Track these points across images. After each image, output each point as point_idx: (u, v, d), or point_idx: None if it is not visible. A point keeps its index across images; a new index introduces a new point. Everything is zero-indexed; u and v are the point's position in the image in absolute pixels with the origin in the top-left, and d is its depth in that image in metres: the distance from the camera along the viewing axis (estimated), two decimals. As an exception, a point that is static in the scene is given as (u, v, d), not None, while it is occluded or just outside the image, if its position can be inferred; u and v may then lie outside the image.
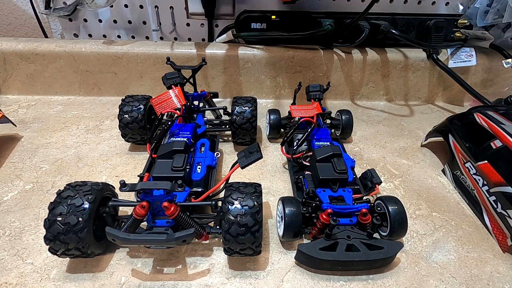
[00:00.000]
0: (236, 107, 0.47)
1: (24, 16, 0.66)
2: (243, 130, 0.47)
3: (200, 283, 0.31)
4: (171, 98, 0.44)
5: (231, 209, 0.29)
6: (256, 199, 0.30)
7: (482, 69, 0.65)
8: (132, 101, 0.46)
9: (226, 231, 0.29)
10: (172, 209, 0.29)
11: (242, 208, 0.29)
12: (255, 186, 0.32)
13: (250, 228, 0.29)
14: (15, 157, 0.46)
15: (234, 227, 0.29)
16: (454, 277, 0.33)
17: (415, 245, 0.36)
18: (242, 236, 0.29)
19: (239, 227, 0.29)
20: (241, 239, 0.29)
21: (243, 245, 0.29)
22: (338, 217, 0.32)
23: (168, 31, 0.65)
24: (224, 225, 0.29)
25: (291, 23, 0.61)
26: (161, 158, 0.37)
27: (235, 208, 0.29)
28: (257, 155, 0.32)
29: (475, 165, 0.40)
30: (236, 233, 0.29)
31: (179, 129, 0.43)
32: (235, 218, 0.29)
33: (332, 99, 0.67)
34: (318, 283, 0.32)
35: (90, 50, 0.59)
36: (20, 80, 0.61)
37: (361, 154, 0.51)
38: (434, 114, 0.65)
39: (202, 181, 0.38)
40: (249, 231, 0.29)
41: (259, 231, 0.29)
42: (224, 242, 0.30)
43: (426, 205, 0.42)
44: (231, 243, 0.29)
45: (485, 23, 0.59)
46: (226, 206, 0.30)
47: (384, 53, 0.63)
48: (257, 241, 0.30)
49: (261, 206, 0.30)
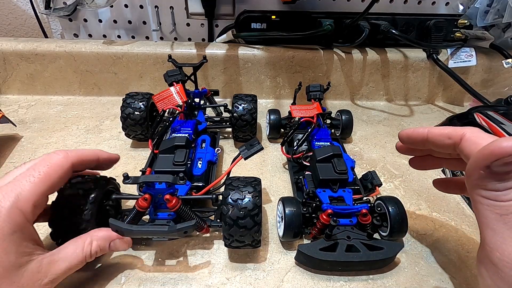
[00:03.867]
0: (237, 102, 0.48)
1: (24, 16, 0.66)
2: (243, 121, 0.47)
3: (200, 283, 0.31)
4: (173, 95, 0.44)
5: (231, 194, 0.30)
6: (256, 186, 0.31)
7: (482, 69, 0.65)
8: (136, 95, 0.47)
9: (226, 214, 0.29)
10: (173, 202, 0.30)
11: (242, 193, 0.30)
12: (255, 177, 0.33)
13: (250, 211, 0.29)
14: (15, 157, 0.46)
15: (234, 211, 0.29)
16: (454, 277, 0.33)
17: (415, 245, 0.36)
18: (242, 220, 0.29)
19: (239, 210, 0.29)
20: (241, 223, 0.29)
21: (243, 230, 0.30)
22: (338, 217, 0.32)
23: (168, 31, 0.65)
24: (224, 209, 0.30)
25: (291, 23, 0.61)
26: (163, 153, 0.38)
27: (235, 193, 0.30)
28: (258, 146, 0.33)
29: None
30: (236, 217, 0.29)
31: (181, 125, 0.43)
32: (235, 202, 0.30)
33: (332, 99, 0.67)
34: (318, 283, 0.32)
35: (90, 50, 0.59)
36: (20, 80, 0.61)
37: (361, 154, 0.51)
38: (434, 114, 0.65)
39: (203, 176, 0.38)
40: (249, 215, 0.29)
41: (258, 215, 0.30)
42: (224, 228, 0.30)
43: (426, 205, 0.42)
44: (230, 228, 0.30)
45: (485, 23, 0.59)
46: (226, 192, 0.30)
47: (384, 53, 0.63)
48: (257, 227, 0.30)
49: (260, 193, 0.31)
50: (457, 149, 0.25)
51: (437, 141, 0.27)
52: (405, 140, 0.30)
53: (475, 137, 0.24)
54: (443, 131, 0.26)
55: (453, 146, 0.25)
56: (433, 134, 0.27)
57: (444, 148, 0.26)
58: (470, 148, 0.24)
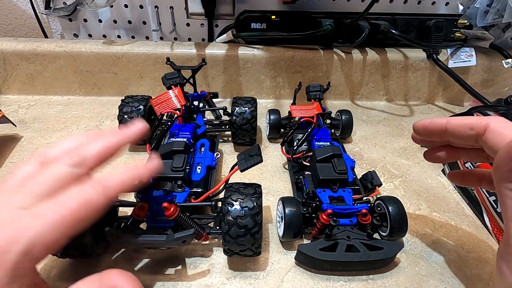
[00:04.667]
0: (236, 109, 0.47)
1: (24, 16, 0.66)
2: (243, 131, 0.47)
3: (200, 283, 0.31)
4: (171, 99, 0.44)
5: (231, 210, 0.29)
6: (256, 200, 0.30)
7: (482, 69, 0.65)
8: (132, 102, 0.47)
9: (226, 232, 0.29)
10: (172, 210, 0.29)
11: (242, 209, 0.29)
12: (255, 187, 0.32)
13: (250, 229, 0.29)
14: (15, 157, 0.46)
15: (233, 229, 0.29)
16: (454, 277, 0.33)
17: (415, 245, 0.36)
18: (241, 238, 0.29)
19: (238, 228, 0.29)
20: (240, 241, 0.29)
21: (243, 246, 0.29)
22: (338, 217, 0.32)
23: (168, 31, 0.65)
24: (224, 227, 0.29)
25: (291, 23, 0.61)
26: (161, 159, 0.37)
27: (234, 210, 0.29)
28: (257, 158, 0.32)
29: (475, 165, 0.40)
30: (235, 235, 0.29)
31: (179, 130, 0.43)
32: (234, 219, 0.29)
33: (332, 99, 0.67)
34: (318, 283, 0.32)
35: (90, 50, 0.59)
36: (20, 80, 0.61)
37: (361, 154, 0.51)
38: (434, 114, 0.65)
39: (202, 181, 0.38)
40: (249, 233, 0.29)
41: (258, 233, 0.29)
42: (223, 243, 0.30)
43: (426, 205, 0.42)
44: (230, 244, 0.29)
45: (485, 23, 0.59)
46: (225, 208, 0.30)
47: (384, 53, 0.63)
48: (257, 243, 0.30)
49: (261, 208, 0.30)
50: (479, 140, 0.23)
51: (458, 132, 0.25)
52: (420, 132, 0.29)
53: (501, 127, 0.22)
54: (464, 121, 0.25)
55: (475, 137, 0.24)
56: (453, 125, 0.25)
57: (465, 139, 0.25)
58: (495, 140, 0.22)
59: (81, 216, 0.20)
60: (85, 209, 0.20)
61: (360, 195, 0.38)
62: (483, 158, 0.23)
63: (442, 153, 0.29)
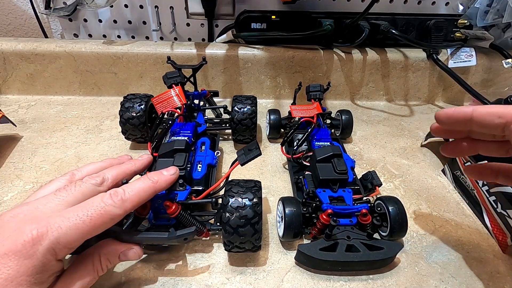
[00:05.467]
0: (236, 106, 0.47)
1: (24, 16, 0.66)
2: (243, 126, 0.47)
3: (200, 283, 0.31)
4: (172, 97, 0.44)
5: (231, 201, 0.30)
6: (256, 192, 0.31)
7: (482, 69, 0.65)
8: (134, 98, 0.47)
9: (226, 223, 0.29)
10: (173, 208, 0.30)
11: (242, 200, 0.30)
12: (255, 182, 0.33)
13: (250, 219, 0.29)
14: (15, 157, 0.46)
15: (234, 219, 0.29)
16: (454, 277, 0.33)
17: (415, 245, 0.36)
18: (242, 228, 0.29)
19: (239, 218, 0.29)
20: (241, 231, 0.29)
21: (243, 238, 0.30)
22: (338, 217, 0.32)
23: (168, 31, 0.65)
24: (224, 217, 0.29)
25: (291, 23, 0.61)
26: (162, 157, 0.37)
27: (235, 201, 0.30)
28: (256, 151, 0.33)
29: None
30: (236, 225, 0.29)
31: (180, 128, 0.43)
32: (235, 209, 0.29)
33: (332, 99, 0.67)
34: (318, 283, 0.32)
35: (90, 50, 0.59)
36: (20, 80, 0.61)
37: (361, 154, 0.51)
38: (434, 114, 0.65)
39: (203, 179, 0.38)
40: (249, 223, 0.29)
41: (258, 223, 0.30)
42: (224, 235, 0.30)
43: (426, 205, 0.42)
44: (231, 235, 0.29)
45: (485, 23, 0.59)
46: (226, 199, 0.30)
47: (384, 53, 0.63)
48: (257, 234, 0.30)
49: (260, 199, 0.30)
50: (506, 129, 0.23)
51: (485, 121, 0.24)
52: (444, 121, 0.28)
53: None
54: (492, 109, 0.24)
55: (503, 126, 0.23)
56: (480, 113, 0.24)
57: (491, 128, 0.24)
58: None
59: (98, 223, 0.24)
60: (102, 218, 0.24)
61: (360, 195, 0.38)
62: (503, 152, 0.22)
63: (461, 146, 0.29)
